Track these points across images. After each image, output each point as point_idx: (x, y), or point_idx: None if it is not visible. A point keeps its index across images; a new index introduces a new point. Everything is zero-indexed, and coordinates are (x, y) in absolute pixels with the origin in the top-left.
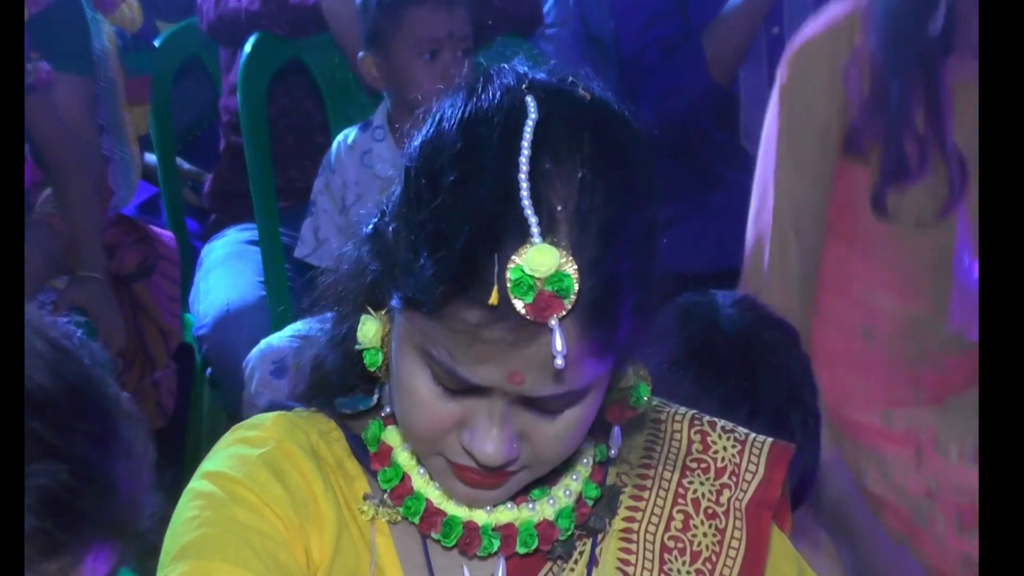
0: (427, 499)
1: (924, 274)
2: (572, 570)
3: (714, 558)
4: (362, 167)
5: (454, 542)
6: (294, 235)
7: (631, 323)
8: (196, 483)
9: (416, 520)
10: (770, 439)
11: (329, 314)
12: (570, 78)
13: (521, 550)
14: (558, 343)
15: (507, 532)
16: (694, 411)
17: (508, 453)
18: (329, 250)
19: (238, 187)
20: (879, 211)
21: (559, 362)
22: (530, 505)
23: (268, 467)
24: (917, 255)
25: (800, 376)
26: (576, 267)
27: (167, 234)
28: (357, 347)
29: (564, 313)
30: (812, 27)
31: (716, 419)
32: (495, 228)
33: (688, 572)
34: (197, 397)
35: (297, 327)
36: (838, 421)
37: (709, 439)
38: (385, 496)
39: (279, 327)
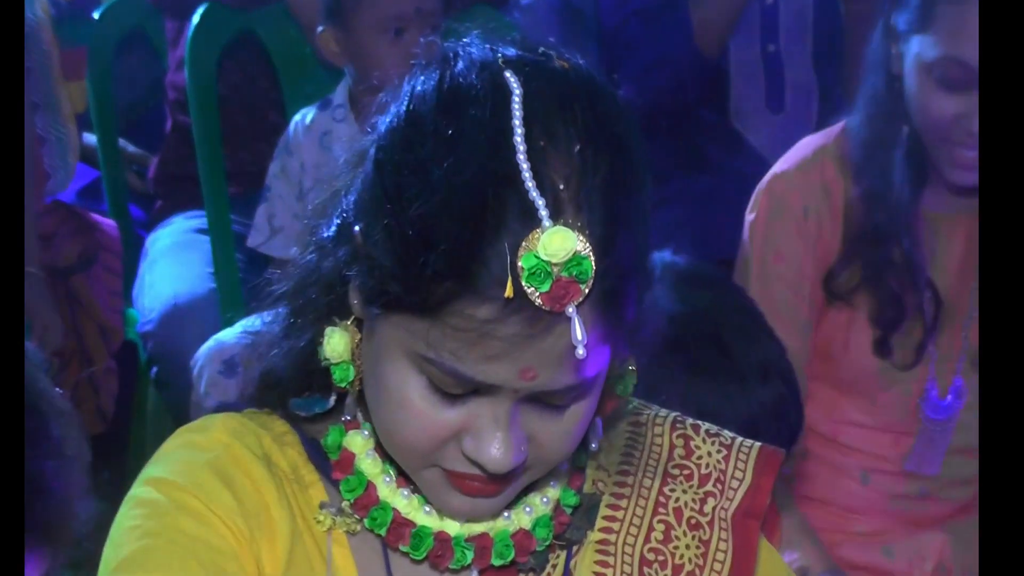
0: (394, 509)
1: (915, 412)
2: None
3: (697, 572)
4: (321, 149)
5: (424, 555)
6: (247, 223)
7: (636, 306)
8: (138, 490)
9: (383, 532)
10: (758, 444)
11: (281, 309)
12: (540, 49)
13: (496, 562)
14: (579, 332)
15: (481, 543)
16: (676, 414)
17: (517, 457)
18: (285, 239)
19: (186, 171)
20: (885, 355)
21: (580, 352)
22: (505, 513)
23: (216, 473)
24: (905, 394)
25: (770, 337)
26: (591, 248)
27: (108, 222)
28: (325, 362)
29: (581, 299)
30: (782, 162)
31: (700, 422)
32: (499, 215)
33: None
34: (141, 398)
35: (249, 322)
36: (837, 560)
37: (692, 444)
38: (343, 504)
39: (231, 322)
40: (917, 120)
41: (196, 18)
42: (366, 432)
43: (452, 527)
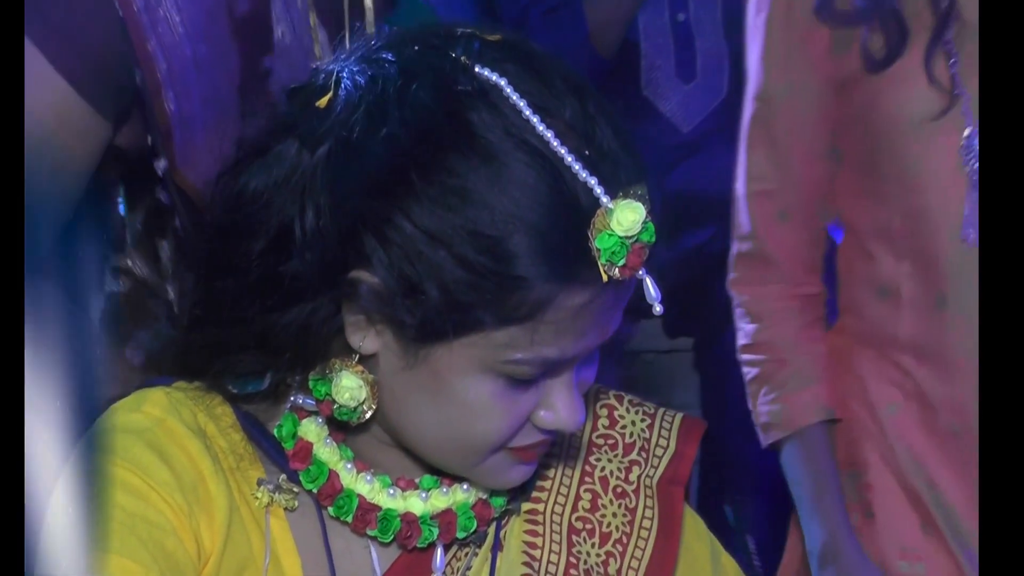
0: (359, 495)
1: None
2: (475, 555)
3: (625, 539)
4: None
5: (392, 537)
6: None
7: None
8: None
9: (349, 519)
10: (680, 413)
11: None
12: (459, 31)
13: (460, 535)
14: (653, 291)
15: (445, 519)
16: (598, 385)
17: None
18: None
19: None
20: (872, 66)
21: (658, 308)
22: (464, 486)
23: (152, 448)
24: (945, 148)
25: None
26: (649, 207)
27: None
28: (337, 408)
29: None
30: None
31: (622, 393)
32: (569, 206)
33: (598, 555)
34: None
35: None
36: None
37: (616, 413)
38: (281, 481)
39: None
40: None
41: None
42: (320, 420)
43: (417, 507)
